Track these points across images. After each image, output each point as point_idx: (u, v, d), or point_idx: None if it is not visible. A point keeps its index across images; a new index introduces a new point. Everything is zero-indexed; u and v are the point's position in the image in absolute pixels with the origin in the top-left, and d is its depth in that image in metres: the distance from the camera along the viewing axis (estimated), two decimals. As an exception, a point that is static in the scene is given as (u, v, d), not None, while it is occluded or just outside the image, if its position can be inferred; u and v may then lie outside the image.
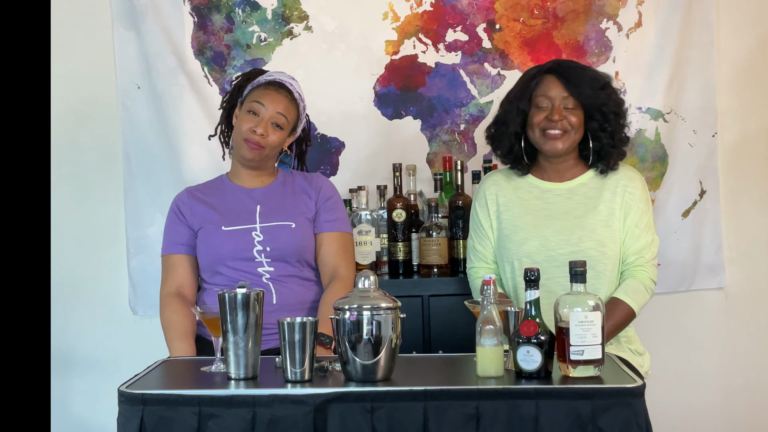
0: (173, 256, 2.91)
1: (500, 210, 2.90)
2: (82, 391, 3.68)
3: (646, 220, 2.82)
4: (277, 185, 2.96)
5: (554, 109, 2.77)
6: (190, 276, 2.91)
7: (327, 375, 2.22)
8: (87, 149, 3.67)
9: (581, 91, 2.78)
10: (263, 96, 2.89)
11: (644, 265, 2.79)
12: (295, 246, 2.85)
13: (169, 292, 2.87)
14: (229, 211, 2.90)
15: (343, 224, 2.96)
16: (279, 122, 2.88)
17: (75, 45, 3.63)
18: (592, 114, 2.79)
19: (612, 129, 2.81)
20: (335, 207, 2.96)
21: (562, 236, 2.78)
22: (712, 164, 3.65)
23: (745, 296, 3.71)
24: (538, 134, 2.80)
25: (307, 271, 2.90)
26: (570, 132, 2.78)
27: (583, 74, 2.81)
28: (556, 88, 2.79)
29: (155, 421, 2.06)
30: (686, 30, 3.59)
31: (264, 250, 2.82)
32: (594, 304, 2.12)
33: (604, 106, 2.78)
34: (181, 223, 2.92)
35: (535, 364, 2.11)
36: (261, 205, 2.90)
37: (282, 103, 2.89)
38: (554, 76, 2.80)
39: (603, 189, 2.83)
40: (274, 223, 2.86)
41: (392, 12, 3.62)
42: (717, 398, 3.70)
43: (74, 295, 3.66)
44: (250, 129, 2.86)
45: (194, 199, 2.94)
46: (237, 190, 2.94)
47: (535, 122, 2.80)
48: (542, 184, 2.88)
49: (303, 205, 2.92)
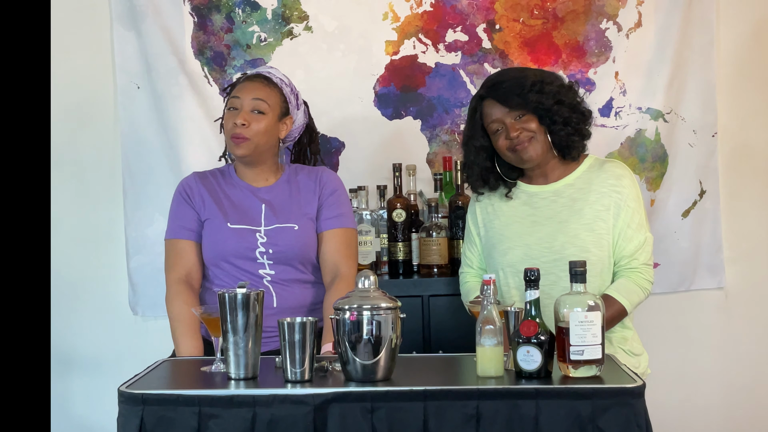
0: (181, 241, 2.85)
1: (489, 219, 2.90)
2: (82, 391, 3.68)
3: (638, 219, 2.78)
4: (282, 183, 2.92)
5: (508, 128, 2.77)
6: (198, 263, 2.85)
7: (327, 375, 2.22)
8: (87, 149, 3.67)
9: (514, 103, 2.76)
10: (239, 90, 2.85)
11: (638, 268, 2.77)
12: (298, 249, 2.83)
13: (179, 279, 2.81)
14: (235, 207, 2.87)
15: (345, 220, 2.90)
16: (260, 108, 2.82)
17: (75, 45, 3.63)
18: (538, 113, 2.78)
19: (563, 117, 2.77)
20: (338, 201, 2.91)
21: (544, 244, 2.77)
22: (712, 164, 3.65)
23: (745, 296, 3.71)
24: (510, 155, 2.80)
25: (309, 273, 2.87)
26: (535, 136, 2.77)
27: (510, 86, 2.78)
28: (496, 110, 2.79)
29: (155, 421, 2.06)
30: (686, 30, 3.59)
31: (266, 252, 2.81)
32: (594, 304, 2.12)
33: (540, 104, 2.76)
34: (189, 207, 2.87)
35: (535, 364, 2.11)
36: (266, 206, 2.87)
37: (257, 89, 2.84)
38: (490, 98, 2.81)
39: (589, 190, 2.80)
40: (277, 225, 2.83)
41: (392, 12, 3.62)
42: (717, 398, 3.70)
43: (74, 295, 3.66)
44: (232, 124, 2.82)
45: (203, 185, 2.90)
46: (244, 188, 2.91)
47: (500, 147, 2.81)
48: (529, 188, 2.88)
49: (307, 205, 2.89)
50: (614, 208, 2.77)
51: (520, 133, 2.76)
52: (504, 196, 2.89)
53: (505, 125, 2.78)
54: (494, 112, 2.80)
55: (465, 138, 2.92)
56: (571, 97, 2.82)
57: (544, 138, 2.79)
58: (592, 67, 3.60)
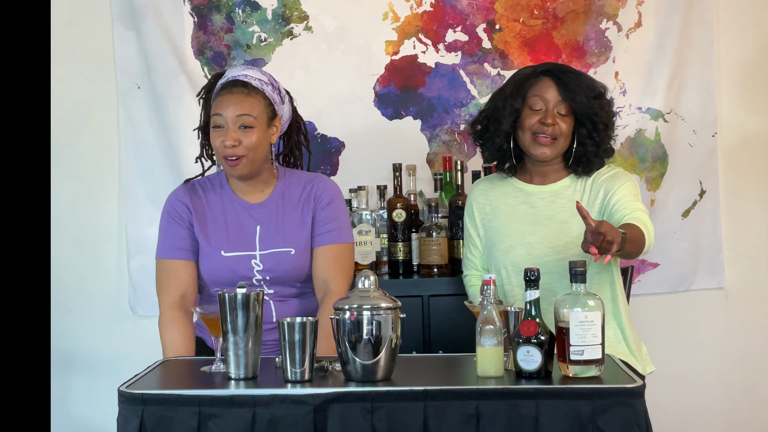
0: (174, 261, 2.73)
1: (487, 218, 2.88)
2: (82, 391, 3.68)
3: (632, 196, 2.69)
4: (276, 198, 2.80)
5: (548, 113, 2.73)
6: (193, 284, 2.74)
7: (327, 375, 2.22)
8: (87, 149, 3.67)
9: (576, 98, 2.73)
10: (219, 105, 2.68)
11: (636, 211, 2.63)
12: (295, 273, 2.75)
13: (173, 304, 2.69)
14: (228, 230, 2.76)
15: (339, 234, 2.78)
16: (245, 123, 2.66)
17: (75, 45, 3.63)
18: (583, 122, 2.75)
19: (599, 139, 2.76)
20: (333, 215, 2.78)
21: (547, 244, 2.76)
22: (712, 164, 3.65)
23: (745, 296, 3.71)
24: (528, 138, 2.76)
25: (308, 287, 2.81)
26: (559, 139, 2.74)
27: (579, 80, 2.76)
28: (551, 91, 2.75)
29: (155, 421, 2.06)
30: (686, 30, 3.59)
31: (264, 278, 2.74)
32: (594, 304, 2.12)
33: (595, 116, 2.74)
34: (179, 226, 2.76)
35: (535, 364, 2.11)
36: (261, 226, 2.75)
37: (238, 103, 2.66)
38: (550, 78, 2.76)
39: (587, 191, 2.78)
40: (273, 250, 2.74)
41: (392, 12, 3.62)
42: (717, 398, 3.70)
43: (74, 295, 3.66)
44: (222, 144, 2.67)
45: (193, 204, 2.78)
46: (237, 204, 2.79)
47: (527, 125, 2.75)
48: (527, 187, 2.86)
49: (302, 225, 2.77)
50: (605, 199, 2.73)
51: (554, 124, 2.72)
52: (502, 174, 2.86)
53: (547, 109, 2.74)
54: (548, 90, 2.74)
55: (503, 94, 2.81)
56: (612, 127, 2.81)
57: (565, 145, 2.77)
58: (592, 67, 3.60)
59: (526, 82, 2.78)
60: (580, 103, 2.74)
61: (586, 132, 2.76)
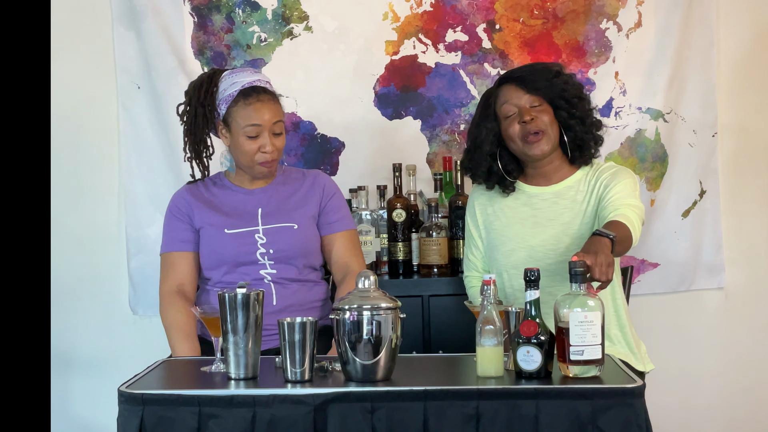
0: (173, 253, 2.84)
1: (489, 220, 2.88)
2: (82, 391, 3.68)
3: (629, 191, 2.67)
4: (277, 185, 2.91)
5: (523, 111, 2.73)
6: (191, 274, 2.85)
7: (327, 375, 2.22)
8: (87, 149, 3.67)
9: (538, 85, 2.74)
10: (253, 116, 2.77)
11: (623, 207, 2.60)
12: (299, 248, 2.83)
13: (170, 291, 2.81)
14: (230, 212, 2.86)
15: (348, 221, 2.93)
16: (279, 129, 2.81)
17: (75, 45, 3.63)
18: (557, 104, 2.75)
19: (580, 114, 2.76)
20: (339, 204, 2.93)
21: (549, 246, 2.75)
22: (712, 164, 3.65)
23: (745, 296, 3.71)
24: (520, 144, 2.76)
25: (309, 273, 2.87)
26: (547, 130, 2.74)
27: (533, 70, 2.79)
28: (514, 92, 2.76)
29: (155, 421, 2.06)
30: (686, 30, 3.59)
31: (267, 252, 2.80)
32: (593, 304, 2.12)
33: (564, 92, 2.75)
34: (180, 221, 2.86)
35: (535, 364, 2.11)
36: (263, 207, 2.86)
37: (271, 110, 2.79)
38: (508, 83, 2.78)
39: (590, 192, 2.77)
40: (276, 225, 2.83)
41: (392, 12, 3.62)
42: (717, 398, 3.70)
43: (74, 295, 3.66)
44: (260, 151, 2.79)
45: (195, 197, 2.88)
46: (238, 191, 2.89)
47: (511, 134, 2.76)
48: (529, 189, 2.85)
49: (306, 205, 2.88)
50: (601, 192, 2.72)
51: (534, 119, 2.72)
52: (502, 192, 2.88)
53: (520, 109, 2.74)
54: (512, 95, 2.76)
55: (475, 123, 2.86)
56: (587, 98, 2.82)
57: (555, 134, 2.76)
58: (592, 67, 3.60)
59: (489, 100, 2.83)
60: (545, 88, 2.75)
61: (566, 113, 2.76)
